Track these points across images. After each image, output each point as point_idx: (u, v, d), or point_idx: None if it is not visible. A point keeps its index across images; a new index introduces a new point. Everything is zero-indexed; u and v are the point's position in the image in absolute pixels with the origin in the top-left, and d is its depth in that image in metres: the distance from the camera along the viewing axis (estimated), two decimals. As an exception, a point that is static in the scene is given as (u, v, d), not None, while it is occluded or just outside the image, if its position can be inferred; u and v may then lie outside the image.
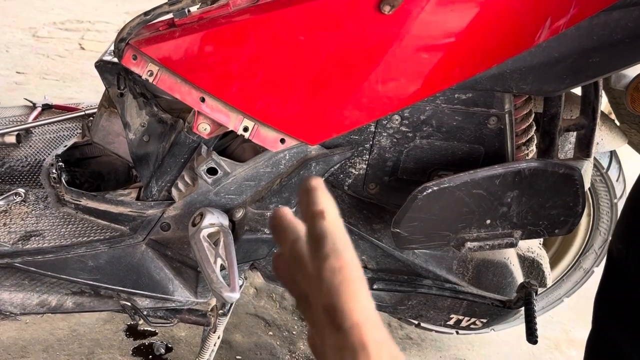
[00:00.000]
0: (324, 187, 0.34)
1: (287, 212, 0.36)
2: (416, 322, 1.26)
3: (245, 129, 0.97)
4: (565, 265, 1.57)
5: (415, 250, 1.13)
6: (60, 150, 1.32)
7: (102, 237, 1.09)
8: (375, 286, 1.15)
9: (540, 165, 0.95)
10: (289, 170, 1.03)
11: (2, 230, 1.11)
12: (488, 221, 1.00)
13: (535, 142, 1.16)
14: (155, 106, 1.07)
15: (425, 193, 0.95)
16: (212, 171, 1.05)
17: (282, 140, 0.99)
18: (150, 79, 0.95)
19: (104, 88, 1.16)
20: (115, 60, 1.05)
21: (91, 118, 1.43)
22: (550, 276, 1.29)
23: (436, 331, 1.61)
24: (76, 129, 1.49)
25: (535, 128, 1.15)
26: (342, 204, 1.11)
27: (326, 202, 0.34)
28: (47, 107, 1.63)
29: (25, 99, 1.66)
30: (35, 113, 1.57)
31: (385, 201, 1.09)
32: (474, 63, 0.92)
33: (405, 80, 0.94)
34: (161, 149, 1.08)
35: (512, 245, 1.02)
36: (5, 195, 1.19)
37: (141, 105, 1.07)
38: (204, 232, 0.98)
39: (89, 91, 3.02)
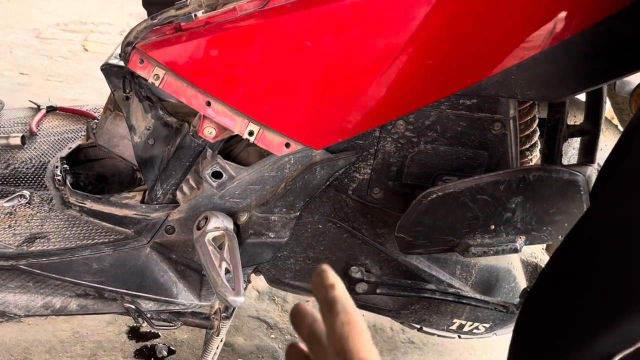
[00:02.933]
0: (331, 269, 0.44)
1: (303, 304, 0.46)
2: (418, 326, 1.26)
3: (251, 133, 0.98)
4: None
5: (419, 255, 1.13)
6: (64, 153, 1.33)
7: (106, 240, 1.10)
8: (378, 290, 1.15)
9: (545, 171, 0.95)
10: (294, 175, 1.04)
11: (7, 232, 1.12)
12: (492, 226, 1.00)
13: (539, 147, 1.16)
14: (161, 110, 1.08)
15: (429, 198, 0.96)
16: (217, 175, 1.05)
17: (287, 145, 1.00)
18: (157, 83, 0.96)
19: (107, 90, 1.16)
20: (121, 63, 1.05)
21: (96, 120, 1.44)
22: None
23: (438, 335, 1.60)
24: (81, 131, 1.49)
25: (539, 134, 1.15)
26: (346, 209, 1.11)
27: (335, 278, 0.44)
28: (51, 109, 1.63)
29: (30, 101, 1.67)
30: (39, 115, 1.58)
31: (389, 206, 1.09)
32: (479, 69, 0.93)
33: (410, 85, 0.94)
34: (166, 153, 1.08)
35: (516, 250, 1.02)
36: (10, 197, 1.20)
37: (147, 109, 1.08)
38: (209, 236, 0.99)
39: (92, 92, 3.02)
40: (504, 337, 1.74)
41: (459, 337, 1.50)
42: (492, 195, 0.95)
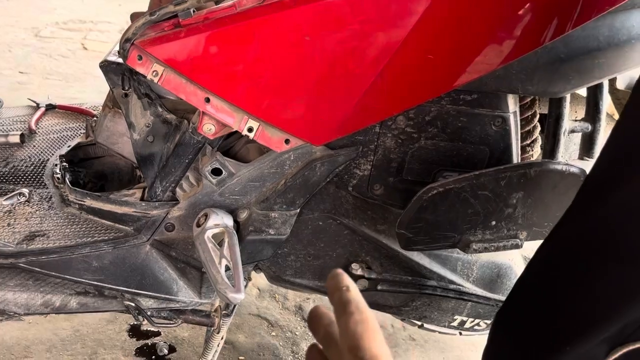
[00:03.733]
0: (345, 273, 0.47)
1: (320, 306, 0.48)
2: (420, 323, 1.26)
3: (250, 130, 0.97)
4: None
5: (420, 251, 1.12)
6: (64, 151, 1.33)
7: (106, 238, 1.09)
8: (379, 287, 1.15)
9: (546, 167, 0.95)
10: (294, 171, 1.03)
11: (6, 230, 1.11)
12: (493, 222, 0.99)
13: (540, 143, 1.15)
14: (160, 106, 1.07)
15: (430, 194, 0.95)
16: (216, 172, 1.04)
17: (287, 141, 0.99)
18: (156, 79, 0.95)
19: (106, 88, 1.16)
20: (120, 60, 1.05)
21: (95, 118, 1.43)
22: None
23: (439, 332, 1.60)
24: (80, 129, 1.49)
25: (540, 129, 1.15)
26: (347, 205, 1.11)
27: (349, 281, 0.46)
28: (50, 108, 1.63)
29: (29, 99, 1.66)
30: (38, 113, 1.57)
31: (389, 202, 1.09)
32: (479, 64, 0.92)
33: (410, 81, 0.94)
34: (166, 150, 1.08)
35: (518, 246, 1.01)
36: (10, 195, 1.19)
37: (146, 106, 1.07)
38: (209, 233, 0.98)
39: (91, 91, 3.02)
40: (505, 333, 1.74)
41: (461, 334, 1.49)
42: (493, 190, 0.95)
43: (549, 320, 0.75)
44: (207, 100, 0.95)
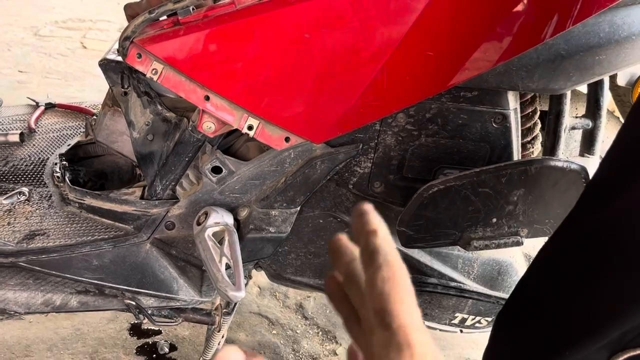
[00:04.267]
0: (374, 210, 0.40)
1: (344, 237, 0.42)
2: (421, 320, 1.26)
3: (250, 128, 0.97)
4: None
5: (420, 249, 1.12)
6: (63, 149, 1.32)
7: (106, 236, 1.09)
8: (380, 285, 1.14)
9: (547, 164, 0.94)
10: (294, 169, 1.03)
11: (6, 229, 1.11)
12: (494, 220, 0.99)
13: (541, 140, 1.15)
14: (160, 105, 1.07)
15: (430, 192, 0.95)
16: (216, 170, 1.04)
17: (287, 139, 0.99)
18: (155, 78, 0.95)
19: (106, 86, 1.16)
20: (119, 59, 1.05)
21: (95, 117, 1.43)
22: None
23: (440, 330, 1.60)
24: (80, 128, 1.48)
25: (540, 126, 1.14)
26: (347, 203, 1.10)
27: (378, 222, 0.39)
28: (50, 107, 1.62)
29: (28, 98, 1.66)
30: (38, 112, 1.57)
31: (390, 200, 1.09)
32: (480, 61, 0.92)
33: (411, 78, 0.93)
34: (165, 148, 1.08)
35: (518, 243, 1.01)
36: (10, 194, 1.19)
37: (145, 104, 1.07)
38: (209, 231, 0.98)
39: (91, 90, 3.02)
40: (506, 331, 1.74)
41: (461, 331, 1.49)
42: (494, 188, 0.95)
43: (548, 324, 0.75)
44: (207, 98, 0.95)
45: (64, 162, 1.26)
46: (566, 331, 0.73)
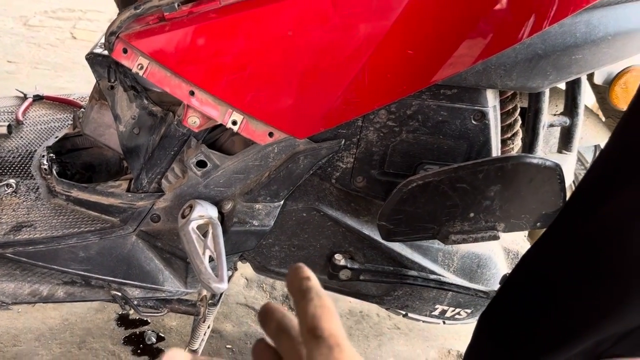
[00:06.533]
0: (305, 265, 0.46)
1: (273, 303, 0.47)
2: (403, 312, 1.29)
3: (234, 123, 0.99)
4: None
5: (401, 242, 1.15)
6: (51, 142, 1.33)
7: (92, 228, 1.11)
8: (362, 277, 1.17)
9: (523, 160, 0.97)
10: (278, 164, 1.05)
11: (-7, 220, 1.12)
12: (471, 214, 1.02)
13: (521, 136, 1.18)
14: (146, 99, 1.08)
15: (410, 187, 0.97)
16: (201, 164, 1.06)
17: (271, 134, 1.01)
18: (141, 72, 0.96)
19: (94, 79, 1.17)
20: (106, 53, 1.06)
21: (82, 109, 1.44)
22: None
23: (423, 321, 1.63)
24: (67, 120, 1.49)
25: (520, 123, 1.17)
26: (330, 197, 1.12)
27: (309, 272, 0.45)
28: (38, 98, 1.63)
29: (17, 90, 1.66)
30: (25, 104, 1.57)
31: (372, 194, 1.11)
32: (459, 60, 0.94)
33: (391, 75, 0.95)
34: (151, 142, 1.09)
35: (495, 237, 1.04)
36: (-3, 186, 1.20)
37: (131, 98, 1.08)
38: (193, 224, 1.00)
39: (80, 81, 3.01)
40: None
41: (444, 322, 1.53)
42: (471, 183, 0.97)
43: (527, 328, 0.76)
44: (192, 93, 0.97)
45: (52, 155, 1.27)
46: (544, 336, 0.74)
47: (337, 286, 1.22)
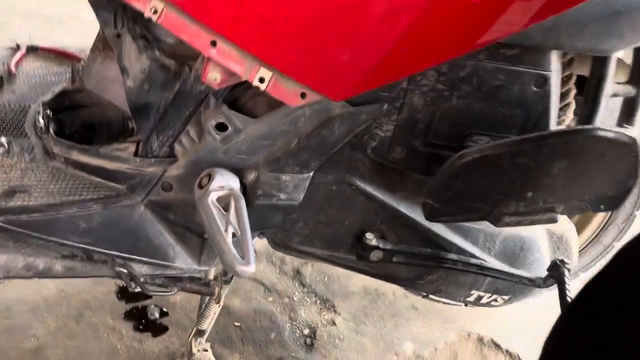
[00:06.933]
0: None
1: None
2: (436, 296, 1.19)
3: (262, 80, 0.85)
4: (585, 239, 1.49)
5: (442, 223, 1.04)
6: (47, 97, 1.20)
7: (95, 196, 0.99)
8: (394, 259, 1.06)
9: (596, 133, 0.85)
10: (309, 130, 0.92)
11: (-18, 184, 1.00)
12: (529, 194, 0.90)
13: (573, 108, 1.06)
14: (158, 50, 0.95)
15: (463, 160, 0.86)
16: (221, 127, 0.93)
17: (303, 95, 0.87)
18: (154, 18, 0.82)
19: (94, 33, 1.05)
20: (113, -6, 0.92)
21: (82, 62, 1.30)
22: (577, 254, 1.20)
23: (443, 302, 1.54)
24: (65, 74, 1.36)
25: (575, 92, 1.05)
26: (363, 169, 1.01)
27: None
28: (32, 50, 1.48)
29: (10, 40, 1.51)
30: (18, 55, 1.43)
31: (411, 167, 1.00)
32: (527, 13, 0.81)
33: (447, 30, 0.82)
34: (163, 100, 0.96)
35: (553, 220, 0.93)
36: (-14, 145, 1.07)
37: (141, 49, 0.95)
38: (213, 196, 0.88)
39: (77, 35, 2.84)
40: (508, 305, 1.69)
41: (466, 305, 1.43)
42: (534, 159, 0.86)
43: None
44: (214, 44, 0.83)
45: (48, 111, 1.14)
46: None
47: (365, 267, 1.11)
